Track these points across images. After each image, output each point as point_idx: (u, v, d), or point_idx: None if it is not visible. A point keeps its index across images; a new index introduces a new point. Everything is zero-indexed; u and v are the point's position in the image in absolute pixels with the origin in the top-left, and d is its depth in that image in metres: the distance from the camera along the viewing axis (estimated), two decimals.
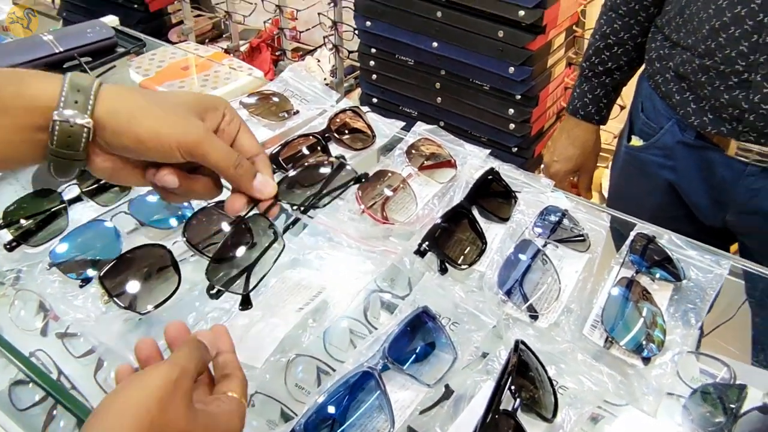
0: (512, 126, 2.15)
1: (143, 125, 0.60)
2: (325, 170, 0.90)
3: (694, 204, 1.26)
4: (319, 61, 2.80)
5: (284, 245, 0.74)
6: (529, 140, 2.20)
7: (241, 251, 0.73)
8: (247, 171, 0.66)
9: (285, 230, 0.80)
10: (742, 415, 0.76)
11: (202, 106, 0.65)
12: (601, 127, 1.47)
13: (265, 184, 0.68)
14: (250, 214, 0.70)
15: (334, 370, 0.77)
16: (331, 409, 0.67)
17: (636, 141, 1.30)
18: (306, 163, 0.90)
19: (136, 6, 2.90)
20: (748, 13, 1.01)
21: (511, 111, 2.13)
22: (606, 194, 2.38)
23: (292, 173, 0.87)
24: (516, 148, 2.20)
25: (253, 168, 0.68)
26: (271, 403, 0.79)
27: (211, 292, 0.71)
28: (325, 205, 0.86)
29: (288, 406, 0.78)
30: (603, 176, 2.42)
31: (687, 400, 0.79)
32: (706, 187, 1.22)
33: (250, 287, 0.71)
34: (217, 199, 0.92)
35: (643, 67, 1.34)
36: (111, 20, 1.45)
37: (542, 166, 1.52)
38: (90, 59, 1.29)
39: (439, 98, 2.24)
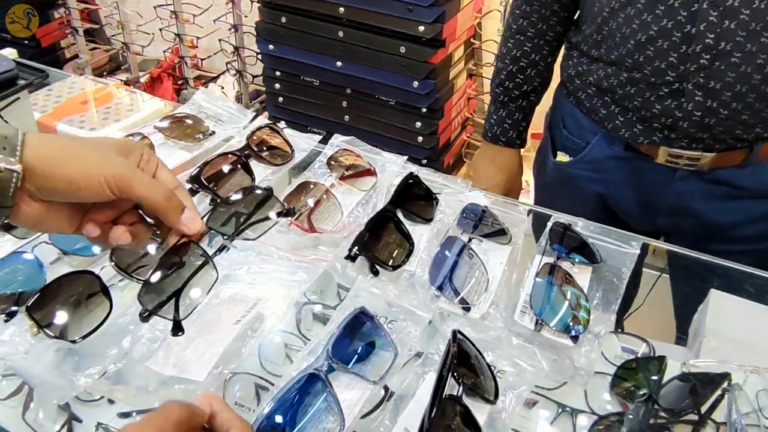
0: (420, 138, 2.21)
1: (72, 166, 0.61)
2: (253, 200, 0.89)
3: (624, 211, 1.28)
4: (222, 87, 2.79)
5: (217, 276, 0.75)
6: (437, 151, 2.26)
7: (172, 276, 0.73)
8: (176, 205, 0.68)
9: (212, 256, 0.80)
10: (665, 384, 0.80)
11: (122, 146, 0.68)
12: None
13: (192, 220, 0.70)
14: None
15: (272, 385, 0.78)
16: (280, 417, 0.68)
17: (563, 157, 1.30)
18: (233, 194, 0.89)
19: (27, 42, 2.81)
20: (675, 25, 1.02)
21: (418, 124, 2.18)
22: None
23: (221, 207, 0.86)
24: (425, 160, 2.25)
25: (181, 203, 0.69)
26: None
27: (143, 315, 0.71)
28: (255, 239, 0.86)
29: None
30: None
31: (613, 376, 0.83)
32: (636, 194, 1.23)
33: (181, 314, 0.72)
34: None
35: (558, 84, 1.35)
36: (9, 52, 1.41)
37: None
38: None
39: (347, 116, 2.28)
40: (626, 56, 1.09)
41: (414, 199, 0.99)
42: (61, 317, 0.77)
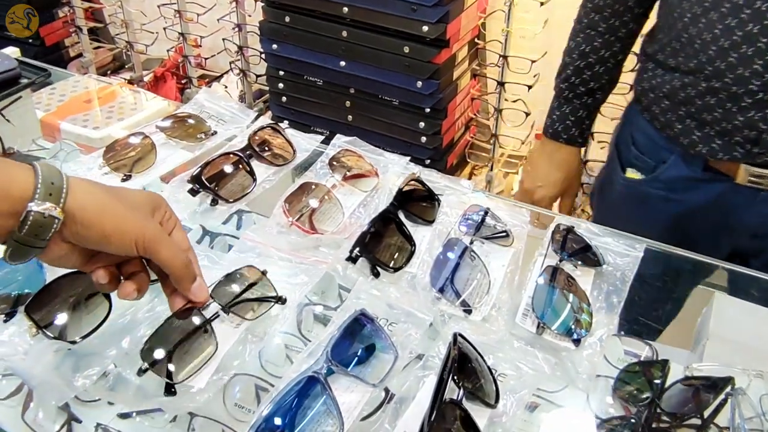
0: (424, 139, 2.20)
1: (109, 222, 0.65)
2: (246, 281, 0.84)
3: (698, 233, 1.21)
4: (226, 87, 2.79)
5: (216, 347, 0.75)
6: (441, 152, 2.26)
7: (173, 338, 0.73)
8: (191, 274, 0.72)
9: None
10: (668, 388, 0.80)
11: (151, 204, 0.72)
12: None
13: (201, 289, 0.73)
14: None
15: (272, 386, 0.77)
16: (279, 419, 0.67)
17: (633, 174, 1.24)
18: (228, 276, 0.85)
19: (31, 41, 2.81)
20: (761, 30, 0.97)
21: (422, 124, 2.18)
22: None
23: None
24: (429, 160, 2.25)
25: (194, 272, 0.72)
26: (212, 425, 0.78)
27: (141, 370, 0.71)
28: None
29: (230, 427, 0.78)
30: (515, 181, 2.50)
31: (616, 380, 0.83)
32: (714, 216, 1.17)
33: (175, 378, 0.71)
34: None
35: (631, 101, 1.29)
36: (12, 51, 1.41)
37: (514, 191, 1.48)
38: None
39: (350, 116, 2.28)
40: (706, 64, 1.04)
41: (416, 200, 0.98)
42: (60, 318, 0.77)
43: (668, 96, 1.13)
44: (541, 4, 1.98)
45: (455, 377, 0.68)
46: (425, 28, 2.01)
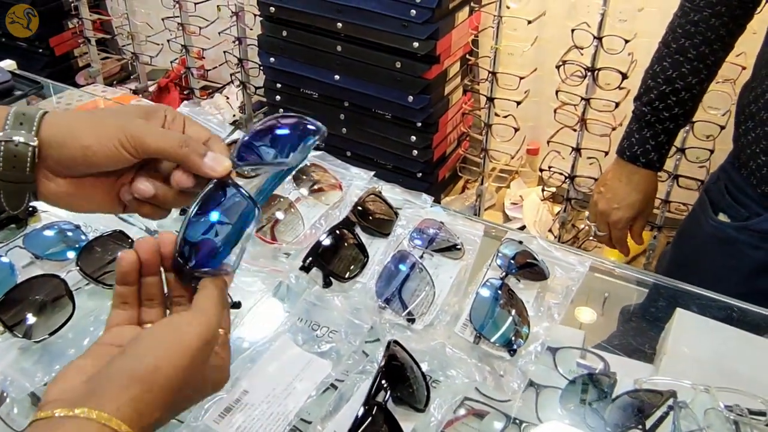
0: (415, 152, 2.25)
1: (86, 132, 0.61)
2: None
3: None
4: (228, 98, 2.85)
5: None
6: (432, 165, 2.30)
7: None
8: (194, 149, 0.62)
9: None
10: (614, 399, 0.83)
11: (143, 111, 0.66)
12: None
13: (217, 160, 0.63)
14: None
15: None
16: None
17: (724, 218, 1.23)
18: None
19: (41, 50, 2.90)
20: None
21: (413, 138, 2.23)
22: (510, 214, 2.50)
23: None
24: (420, 173, 2.29)
25: (203, 147, 0.63)
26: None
27: None
28: None
29: None
30: (506, 196, 2.54)
31: (563, 391, 0.86)
32: None
33: None
34: (111, 229, 0.97)
35: (729, 154, 1.28)
36: (8, 64, 1.48)
37: (588, 214, 1.45)
38: None
39: (345, 129, 2.33)
40: None
41: (373, 213, 1.03)
42: (26, 317, 0.83)
43: (766, 152, 1.13)
44: (529, 22, 2.02)
45: (384, 381, 0.72)
46: (416, 44, 2.06)
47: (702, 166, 2.04)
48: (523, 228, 2.35)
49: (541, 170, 2.25)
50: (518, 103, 2.14)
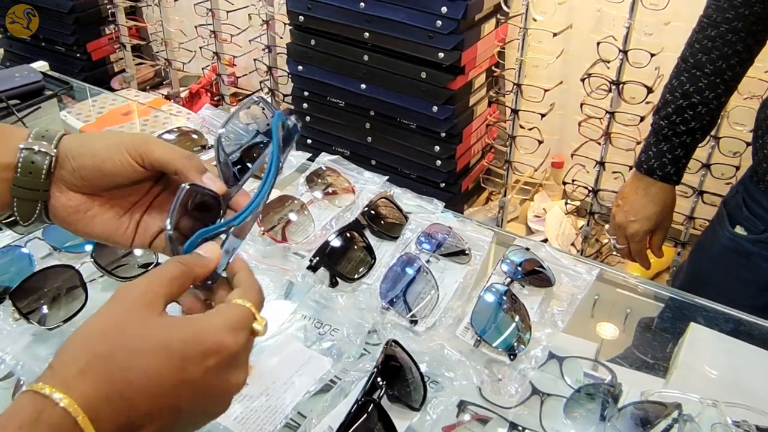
0: (438, 162, 2.26)
1: (96, 143, 0.65)
2: None
3: None
4: None
5: None
6: (455, 176, 2.31)
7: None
8: (197, 165, 0.66)
9: None
10: (620, 410, 0.83)
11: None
12: None
13: (213, 180, 0.66)
14: None
15: None
16: None
17: (741, 230, 1.24)
18: None
19: (78, 55, 2.98)
20: None
21: (437, 148, 2.24)
22: (533, 226, 2.50)
23: None
24: (443, 184, 2.30)
25: (201, 164, 0.67)
26: None
27: None
28: None
29: None
30: (529, 208, 2.54)
31: (568, 400, 0.87)
32: None
33: None
34: None
35: (747, 169, 1.29)
36: (41, 65, 1.52)
37: (608, 227, 1.46)
38: (18, 102, 1.36)
39: (370, 137, 2.35)
40: None
41: (383, 217, 1.04)
42: (40, 305, 0.86)
43: None
44: (555, 35, 2.03)
45: (379, 379, 0.73)
46: (441, 54, 2.07)
47: (728, 182, 2.01)
48: (545, 241, 2.34)
49: (565, 183, 2.25)
50: (543, 115, 2.14)
